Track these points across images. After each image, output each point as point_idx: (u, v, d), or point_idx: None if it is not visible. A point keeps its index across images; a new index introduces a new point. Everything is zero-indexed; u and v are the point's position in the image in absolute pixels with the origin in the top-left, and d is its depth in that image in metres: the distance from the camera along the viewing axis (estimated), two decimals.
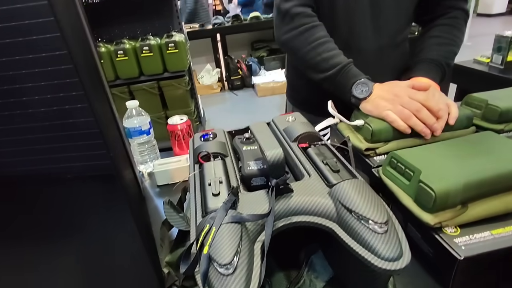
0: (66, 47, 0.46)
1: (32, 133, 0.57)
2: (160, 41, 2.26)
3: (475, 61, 1.41)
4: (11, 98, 0.54)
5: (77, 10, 0.53)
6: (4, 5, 0.47)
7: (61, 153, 0.58)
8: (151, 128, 0.80)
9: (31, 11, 0.45)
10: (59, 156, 0.59)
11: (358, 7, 0.76)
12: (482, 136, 0.54)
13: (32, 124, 0.57)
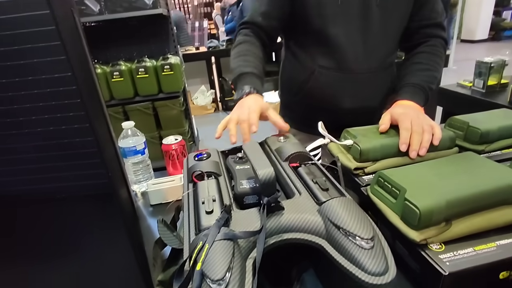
0: (71, 70, 0.49)
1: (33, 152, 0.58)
2: (156, 63, 2.32)
3: (458, 85, 1.47)
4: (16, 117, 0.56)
5: (80, 35, 0.56)
6: (15, 30, 0.50)
7: (60, 172, 0.59)
8: (145, 148, 0.82)
9: (39, 36, 0.47)
10: (58, 175, 0.59)
11: (350, 34, 0.82)
12: (464, 157, 0.57)
13: (34, 143, 0.58)
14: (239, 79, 0.78)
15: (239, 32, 0.88)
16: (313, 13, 0.81)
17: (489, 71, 1.29)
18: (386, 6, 0.80)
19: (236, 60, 0.82)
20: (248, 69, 0.79)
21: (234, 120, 0.66)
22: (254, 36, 0.87)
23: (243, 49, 0.84)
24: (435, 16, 0.86)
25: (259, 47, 0.86)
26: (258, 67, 0.81)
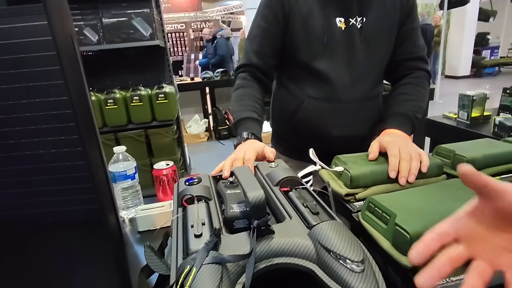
0: (68, 94, 0.50)
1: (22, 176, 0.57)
2: (150, 92, 2.35)
3: (444, 116, 1.53)
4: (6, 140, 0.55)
5: (78, 61, 0.57)
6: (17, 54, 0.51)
7: (49, 197, 0.58)
8: (136, 173, 0.81)
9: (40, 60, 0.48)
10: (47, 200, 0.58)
11: (336, 67, 0.86)
12: (453, 183, 0.58)
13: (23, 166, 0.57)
14: (238, 125, 0.83)
15: (238, 76, 0.93)
16: (301, 49, 0.86)
17: (472, 104, 1.35)
18: (369, 43, 0.85)
19: (236, 105, 0.87)
20: (246, 114, 0.83)
21: (230, 159, 0.68)
22: (252, 79, 0.91)
23: (242, 93, 0.88)
24: (416, 51, 0.91)
25: (256, 88, 0.90)
26: (256, 109, 0.86)
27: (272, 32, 0.88)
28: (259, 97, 0.90)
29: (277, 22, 0.86)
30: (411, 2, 0.87)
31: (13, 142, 0.62)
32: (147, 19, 2.23)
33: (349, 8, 0.83)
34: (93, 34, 2.20)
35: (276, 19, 0.86)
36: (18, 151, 0.62)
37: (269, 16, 0.87)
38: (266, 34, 0.88)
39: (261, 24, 0.88)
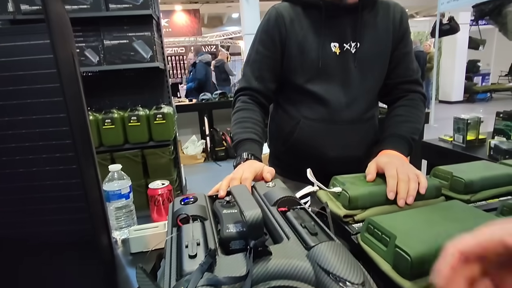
0: (67, 111, 0.50)
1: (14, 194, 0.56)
2: (148, 112, 2.37)
3: (440, 139, 1.54)
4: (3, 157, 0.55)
5: (78, 79, 0.57)
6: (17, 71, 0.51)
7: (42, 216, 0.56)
8: (130, 192, 0.79)
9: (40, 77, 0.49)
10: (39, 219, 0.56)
11: (331, 90, 0.87)
12: (452, 205, 0.58)
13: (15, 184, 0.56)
14: (238, 146, 0.83)
15: (238, 99, 0.93)
16: (297, 72, 0.88)
17: (467, 127, 1.37)
18: (363, 67, 0.87)
19: (235, 127, 0.87)
20: (245, 136, 0.83)
21: (227, 179, 0.67)
22: (252, 101, 0.91)
23: (241, 116, 0.88)
24: (410, 74, 0.93)
25: (257, 111, 0.90)
26: (256, 131, 0.85)
27: (270, 57, 0.90)
28: (260, 119, 0.90)
29: (274, 47, 0.88)
30: (403, 27, 0.90)
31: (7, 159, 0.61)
32: (148, 42, 2.28)
33: (343, 34, 0.86)
34: (94, 55, 2.24)
35: (273, 44, 0.88)
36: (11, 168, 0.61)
37: (267, 41, 0.89)
38: (264, 59, 0.90)
39: (259, 49, 0.90)
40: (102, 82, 2.51)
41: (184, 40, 11.07)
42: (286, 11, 0.87)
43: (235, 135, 0.85)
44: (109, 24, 2.21)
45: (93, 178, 0.62)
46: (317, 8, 0.85)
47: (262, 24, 0.91)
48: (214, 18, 13.53)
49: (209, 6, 11.10)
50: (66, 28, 0.59)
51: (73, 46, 0.60)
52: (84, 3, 2.14)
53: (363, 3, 0.85)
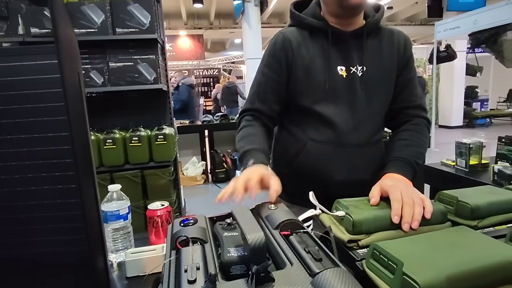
0: (70, 129, 0.49)
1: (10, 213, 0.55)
2: (150, 133, 2.38)
3: (442, 163, 1.54)
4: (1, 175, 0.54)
5: (83, 99, 0.58)
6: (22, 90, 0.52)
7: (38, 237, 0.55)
8: (129, 213, 0.78)
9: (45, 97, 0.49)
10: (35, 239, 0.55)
11: (338, 112, 0.87)
12: (459, 230, 0.56)
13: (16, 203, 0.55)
14: (244, 157, 0.82)
15: (242, 119, 0.94)
16: (303, 94, 0.88)
17: (469, 152, 1.36)
18: (370, 90, 0.88)
19: (240, 143, 0.87)
20: (250, 146, 0.83)
21: (233, 181, 0.68)
22: (255, 120, 0.92)
23: (246, 132, 0.89)
24: (414, 99, 0.94)
25: (260, 128, 0.91)
26: (261, 143, 0.85)
27: (276, 79, 0.90)
28: (264, 136, 0.90)
29: (280, 69, 0.89)
30: (408, 53, 0.92)
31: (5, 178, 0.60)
32: (152, 65, 2.33)
33: (349, 58, 0.87)
34: (99, 76, 2.28)
35: (279, 67, 0.89)
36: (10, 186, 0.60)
37: (273, 64, 0.90)
38: (270, 82, 0.91)
39: (265, 71, 0.92)
40: (105, 103, 2.54)
41: (187, 63, 11.34)
42: (293, 35, 0.89)
43: (240, 149, 0.85)
44: (115, 47, 2.27)
45: (92, 198, 0.61)
46: (324, 33, 0.87)
47: (269, 47, 0.93)
48: (217, 43, 13.95)
49: (213, 32, 11.48)
50: (74, 50, 0.60)
51: (79, 67, 0.61)
52: (92, 27, 2.20)
53: (368, 29, 0.87)
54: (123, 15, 2.23)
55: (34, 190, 0.60)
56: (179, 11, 10.01)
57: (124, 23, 2.24)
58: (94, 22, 2.20)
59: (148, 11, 2.25)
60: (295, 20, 0.92)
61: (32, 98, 0.58)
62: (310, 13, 0.90)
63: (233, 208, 0.52)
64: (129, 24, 2.25)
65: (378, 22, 0.90)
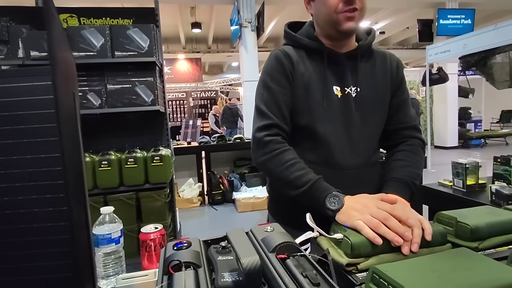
0: (61, 150, 0.49)
1: None
2: (146, 154, 2.36)
3: (440, 184, 1.53)
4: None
5: (77, 120, 0.57)
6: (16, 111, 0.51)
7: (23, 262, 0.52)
8: (121, 237, 0.75)
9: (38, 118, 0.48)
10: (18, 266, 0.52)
11: (335, 133, 0.87)
12: (459, 253, 0.55)
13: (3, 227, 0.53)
14: (314, 188, 0.77)
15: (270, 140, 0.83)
16: (303, 113, 0.87)
17: (466, 172, 1.36)
18: (364, 111, 0.89)
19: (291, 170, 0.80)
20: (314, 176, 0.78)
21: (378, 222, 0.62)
22: (285, 142, 0.85)
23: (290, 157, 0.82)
24: (409, 120, 0.95)
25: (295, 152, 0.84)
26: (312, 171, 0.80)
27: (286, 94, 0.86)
28: None
29: (288, 83, 0.86)
30: (400, 75, 0.94)
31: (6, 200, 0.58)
32: (150, 87, 2.36)
33: (344, 78, 0.88)
34: (96, 98, 2.30)
35: (287, 81, 0.86)
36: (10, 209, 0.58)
37: (280, 79, 0.86)
38: (282, 96, 0.86)
39: (273, 87, 0.86)
40: (102, 124, 2.54)
41: (185, 86, 11.51)
42: (292, 52, 0.89)
43: (298, 178, 0.79)
44: (114, 69, 2.30)
45: (83, 221, 0.59)
46: (319, 53, 0.88)
47: (270, 64, 0.89)
48: (215, 66, 14.24)
49: (210, 56, 11.75)
50: (70, 71, 0.60)
51: (75, 89, 0.61)
52: (91, 50, 2.25)
53: (361, 51, 0.89)
54: (123, 39, 2.28)
55: (23, 213, 0.59)
56: (178, 36, 10.28)
57: (123, 47, 2.28)
58: (93, 45, 2.24)
59: (147, 35, 2.31)
60: (291, 40, 0.93)
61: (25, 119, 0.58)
62: (305, 34, 0.92)
63: (227, 231, 0.50)
64: (128, 48, 2.29)
65: (371, 44, 0.92)
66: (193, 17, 8.85)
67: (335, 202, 0.72)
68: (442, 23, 7.74)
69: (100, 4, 6.28)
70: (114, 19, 2.58)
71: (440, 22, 7.73)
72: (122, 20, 2.59)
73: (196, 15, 8.76)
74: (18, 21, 2.25)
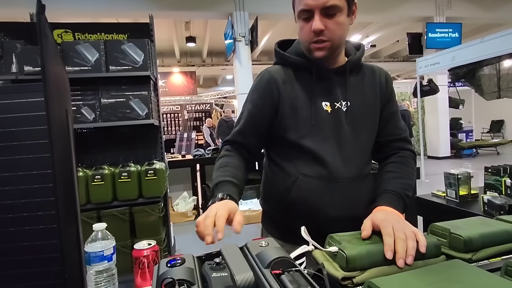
0: (52, 167, 0.48)
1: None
2: (140, 168, 2.34)
3: (433, 195, 1.54)
4: None
5: (70, 137, 0.57)
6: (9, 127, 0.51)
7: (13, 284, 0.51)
8: (114, 254, 0.74)
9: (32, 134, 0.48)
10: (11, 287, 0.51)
11: (326, 147, 0.87)
12: (454, 265, 0.55)
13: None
14: (216, 188, 0.82)
15: (222, 148, 0.96)
16: (291, 130, 0.89)
17: (458, 182, 1.38)
18: (355, 125, 0.89)
19: (216, 172, 0.87)
20: (224, 178, 0.83)
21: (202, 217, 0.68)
22: (234, 151, 0.93)
23: (223, 161, 0.90)
24: (399, 132, 0.96)
25: (238, 159, 0.92)
26: (236, 175, 0.85)
27: (257, 114, 0.92)
28: (241, 166, 0.90)
29: (263, 105, 0.91)
30: (389, 89, 0.96)
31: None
32: (144, 101, 2.36)
33: (333, 94, 0.89)
34: (90, 112, 2.29)
35: (263, 103, 0.91)
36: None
37: (256, 100, 0.92)
38: (251, 116, 0.93)
39: (248, 107, 0.94)
40: (95, 138, 2.52)
41: (179, 98, 11.54)
42: (278, 73, 0.91)
43: (214, 180, 0.85)
44: (108, 83, 2.31)
45: (74, 238, 0.58)
46: (308, 70, 0.90)
47: (254, 84, 0.95)
48: (209, 79, 14.36)
49: (205, 69, 11.86)
50: (63, 87, 0.60)
51: (68, 104, 0.61)
52: (85, 65, 2.25)
53: (350, 67, 0.91)
54: (117, 53, 2.29)
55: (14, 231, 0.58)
56: (172, 50, 10.39)
57: (118, 61, 2.30)
58: (88, 60, 2.25)
59: (141, 50, 2.33)
60: (280, 59, 0.95)
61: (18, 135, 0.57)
62: (293, 52, 0.93)
63: (222, 246, 0.50)
64: (123, 62, 2.30)
65: (360, 59, 0.94)
66: (188, 31, 8.97)
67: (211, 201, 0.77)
68: (430, 36, 7.96)
69: (95, 19, 6.34)
70: (109, 34, 2.60)
71: (429, 36, 7.95)
72: (117, 35, 2.61)
73: (190, 30, 8.88)
74: (13, 36, 2.26)
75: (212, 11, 6.96)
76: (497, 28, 8.64)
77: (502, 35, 4.39)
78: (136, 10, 6.44)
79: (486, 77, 5.18)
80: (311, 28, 0.81)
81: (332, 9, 0.79)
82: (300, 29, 0.86)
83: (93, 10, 6.32)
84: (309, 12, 0.81)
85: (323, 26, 0.80)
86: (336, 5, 0.79)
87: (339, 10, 0.80)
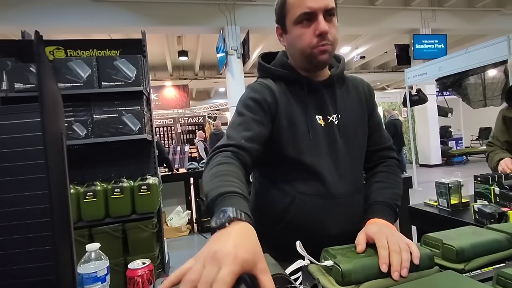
0: (48, 188, 0.48)
1: None
2: (133, 184, 2.32)
3: (425, 204, 1.55)
4: None
5: (64, 158, 0.57)
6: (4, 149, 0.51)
7: None
8: (107, 274, 0.73)
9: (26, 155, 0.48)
10: None
11: (323, 162, 0.86)
12: (447, 276, 0.56)
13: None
14: (219, 202, 0.57)
15: (216, 154, 0.75)
16: (289, 145, 0.85)
17: (449, 191, 1.40)
18: (347, 138, 0.90)
19: (213, 182, 0.64)
20: (230, 189, 0.60)
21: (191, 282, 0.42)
22: (235, 158, 0.74)
23: (222, 169, 0.68)
24: (384, 141, 0.98)
25: (241, 169, 0.72)
26: (243, 189, 0.62)
27: (258, 121, 0.82)
28: (244, 181, 0.68)
29: (263, 112, 0.83)
30: (373, 98, 0.98)
31: None
32: (137, 116, 2.36)
33: (325, 107, 0.89)
34: (82, 129, 2.28)
35: (261, 109, 0.83)
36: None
37: (253, 106, 0.83)
38: (252, 121, 0.81)
39: (245, 113, 0.83)
40: (87, 154, 2.49)
41: (172, 112, 11.54)
42: (272, 84, 0.88)
43: (212, 190, 0.61)
44: (100, 99, 2.31)
45: (68, 259, 0.57)
46: (299, 83, 0.89)
47: (245, 94, 0.88)
48: (202, 92, 14.43)
49: (198, 82, 11.93)
50: (57, 107, 0.61)
51: (62, 125, 0.61)
52: (77, 81, 2.25)
53: (336, 78, 0.91)
54: (110, 69, 2.30)
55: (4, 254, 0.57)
56: (165, 64, 10.45)
57: (110, 77, 2.30)
58: (80, 76, 2.26)
59: (134, 66, 2.34)
60: (267, 72, 0.91)
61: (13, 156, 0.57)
62: (278, 64, 0.91)
63: None
64: (115, 78, 2.31)
65: (343, 71, 0.95)
66: (180, 45, 9.06)
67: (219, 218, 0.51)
68: (417, 47, 8.19)
69: (87, 36, 6.37)
70: (101, 51, 2.61)
71: (416, 47, 8.18)
72: (109, 51, 2.63)
73: (183, 44, 8.97)
74: (4, 54, 2.25)
75: (204, 26, 7.06)
76: (481, 38, 8.95)
77: (485, 46, 4.54)
78: (128, 25, 6.50)
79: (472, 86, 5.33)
80: (317, 31, 0.79)
81: (331, 11, 0.80)
82: (298, 36, 0.82)
83: (86, 27, 6.36)
84: (311, 15, 0.79)
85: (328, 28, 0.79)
86: (334, 7, 0.80)
87: (335, 13, 0.82)
